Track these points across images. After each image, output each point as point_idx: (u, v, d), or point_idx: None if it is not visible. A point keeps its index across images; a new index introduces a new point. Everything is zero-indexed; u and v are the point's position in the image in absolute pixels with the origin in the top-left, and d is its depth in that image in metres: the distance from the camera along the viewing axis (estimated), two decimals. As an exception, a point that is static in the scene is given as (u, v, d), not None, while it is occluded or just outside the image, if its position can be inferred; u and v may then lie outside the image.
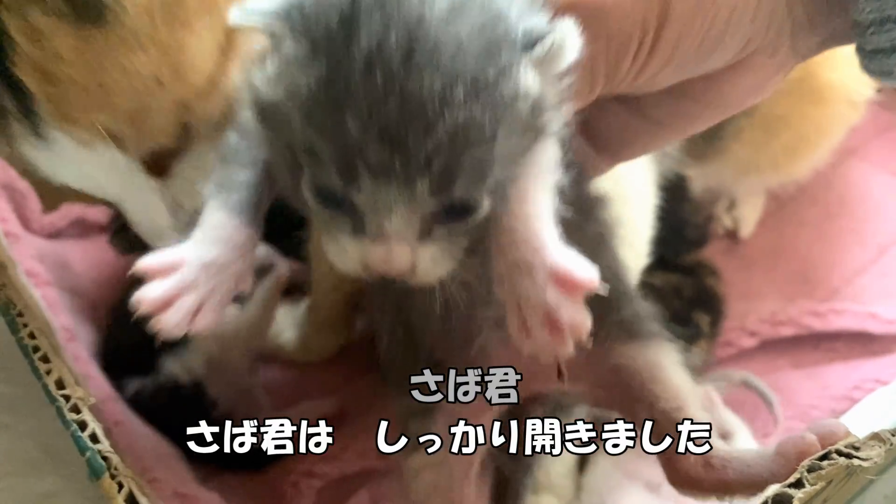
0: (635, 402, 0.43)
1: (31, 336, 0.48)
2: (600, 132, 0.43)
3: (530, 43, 0.35)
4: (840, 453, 0.36)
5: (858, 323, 0.70)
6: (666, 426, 0.42)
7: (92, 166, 0.48)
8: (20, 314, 0.50)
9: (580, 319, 0.34)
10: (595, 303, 0.44)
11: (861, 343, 0.69)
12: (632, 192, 0.59)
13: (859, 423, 0.52)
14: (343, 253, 0.37)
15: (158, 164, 0.50)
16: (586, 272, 0.34)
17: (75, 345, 0.59)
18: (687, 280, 0.71)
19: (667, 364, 0.44)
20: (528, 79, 0.35)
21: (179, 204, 0.52)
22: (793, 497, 0.34)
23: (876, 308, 0.70)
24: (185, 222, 0.49)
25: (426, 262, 0.36)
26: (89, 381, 0.57)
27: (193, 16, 0.46)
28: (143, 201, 0.51)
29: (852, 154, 0.83)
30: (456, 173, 0.34)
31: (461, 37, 0.34)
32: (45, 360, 0.47)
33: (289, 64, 0.35)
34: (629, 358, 0.44)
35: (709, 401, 0.62)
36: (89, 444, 0.42)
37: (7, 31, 0.44)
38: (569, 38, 0.35)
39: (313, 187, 0.36)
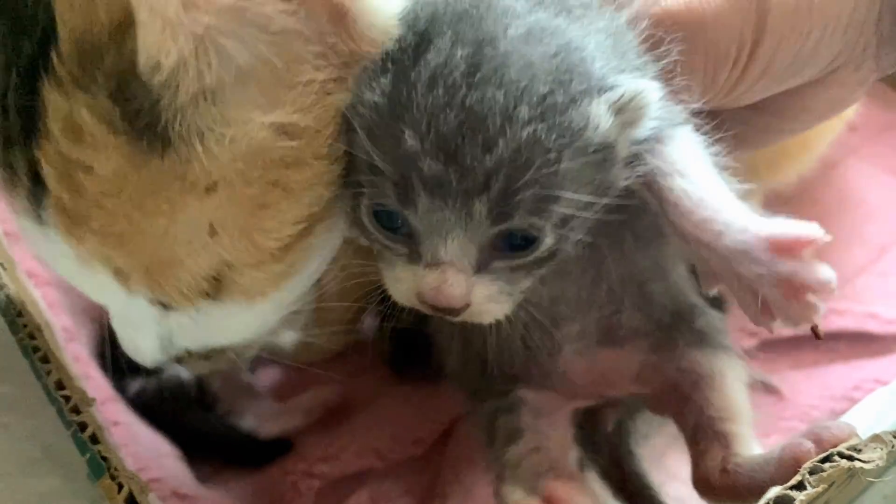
0: (687, 405, 0.44)
1: (31, 336, 0.48)
2: None
3: (606, 87, 0.34)
4: (842, 455, 0.36)
5: (859, 323, 0.69)
6: (706, 432, 0.42)
7: (86, 279, 0.40)
8: (20, 314, 0.50)
9: (823, 274, 0.33)
10: (670, 315, 0.45)
11: (861, 343, 0.69)
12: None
13: (859, 423, 0.52)
14: (398, 282, 0.37)
15: None
16: (803, 228, 0.33)
17: (75, 345, 0.59)
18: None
19: (729, 376, 0.44)
20: (601, 113, 0.33)
21: (172, 342, 0.43)
22: (794, 499, 0.34)
23: (876, 308, 0.70)
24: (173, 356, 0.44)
25: (481, 298, 0.35)
26: (89, 382, 0.57)
27: (299, 179, 0.37)
28: (134, 324, 0.43)
29: (852, 154, 0.83)
30: (516, 197, 0.33)
31: (532, 59, 0.33)
32: (45, 360, 0.47)
33: (360, 81, 0.35)
34: (695, 363, 0.44)
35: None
36: (89, 444, 0.42)
37: (45, 108, 0.35)
38: (650, 99, 0.34)
39: (371, 210, 0.36)
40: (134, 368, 0.62)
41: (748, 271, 0.33)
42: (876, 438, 0.37)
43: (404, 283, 0.36)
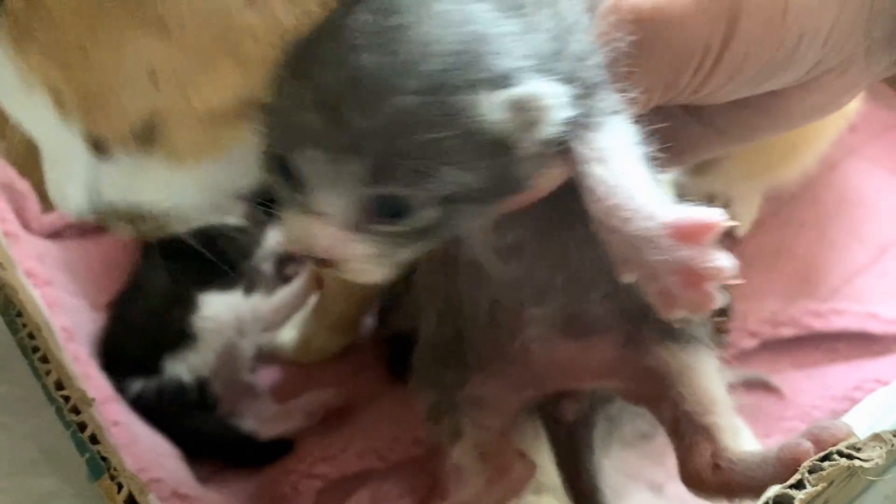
0: (661, 401, 0.44)
1: (31, 336, 0.48)
2: (662, 135, 0.43)
3: (506, 84, 0.34)
4: (841, 454, 0.36)
5: (859, 323, 0.69)
6: (687, 426, 0.42)
7: (24, 103, 0.39)
8: (19, 314, 0.50)
9: (720, 262, 0.33)
10: (639, 306, 0.44)
11: (862, 343, 0.69)
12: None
13: (860, 423, 0.52)
14: (284, 227, 0.38)
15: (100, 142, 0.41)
16: (703, 213, 0.33)
17: (75, 345, 0.59)
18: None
19: (699, 368, 0.44)
20: (493, 106, 0.34)
21: (99, 193, 0.43)
22: (794, 498, 0.34)
23: (876, 308, 0.70)
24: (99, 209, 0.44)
25: (356, 256, 0.36)
26: (89, 381, 0.57)
27: (251, 55, 0.37)
28: (65, 167, 0.42)
29: (852, 154, 0.83)
30: (391, 164, 0.34)
31: (434, 37, 0.34)
32: (45, 360, 0.47)
33: None
34: (662, 360, 0.44)
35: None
36: (89, 444, 0.42)
37: None
38: (550, 103, 0.34)
39: (265, 155, 0.37)
40: (134, 369, 0.63)
41: (651, 258, 0.33)
42: (876, 437, 0.37)
43: (286, 230, 0.37)
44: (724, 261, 0.33)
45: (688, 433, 0.42)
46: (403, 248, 0.37)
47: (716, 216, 0.33)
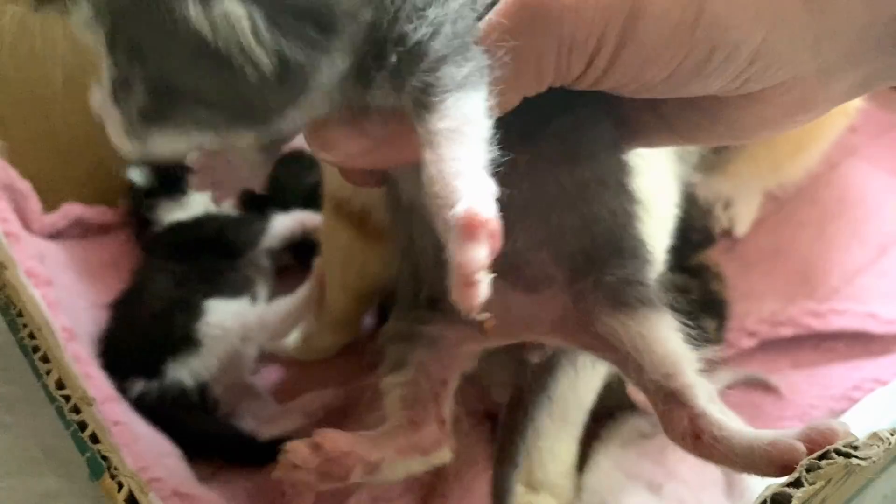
0: (623, 366, 0.43)
1: (31, 336, 0.48)
2: (616, 112, 0.43)
3: None
4: (839, 453, 0.36)
5: (858, 323, 0.70)
6: (657, 393, 0.42)
7: None
8: (20, 314, 0.50)
9: (474, 259, 0.32)
10: (576, 263, 0.43)
11: (861, 343, 0.69)
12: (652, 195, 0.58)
13: (859, 422, 0.52)
14: None
15: None
16: (479, 209, 0.33)
17: (75, 345, 0.59)
18: (693, 282, 0.71)
19: (650, 335, 0.42)
20: (196, 12, 0.35)
21: None
22: (791, 496, 0.34)
23: (875, 308, 0.70)
24: None
25: (110, 121, 0.40)
26: (90, 381, 0.57)
27: None
28: None
29: (852, 154, 0.83)
30: (114, 40, 0.38)
31: None
32: (45, 360, 0.47)
33: None
34: (611, 329, 0.43)
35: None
36: (89, 444, 0.42)
37: None
38: (244, 28, 0.35)
39: None
40: (135, 371, 0.63)
41: (450, 246, 0.33)
42: (874, 436, 0.37)
43: None
44: (479, 255, 0.32)
45: (660, 400, 0.42)
46: (150, 130, 0.39)
47: (484, 213, 0.33)
